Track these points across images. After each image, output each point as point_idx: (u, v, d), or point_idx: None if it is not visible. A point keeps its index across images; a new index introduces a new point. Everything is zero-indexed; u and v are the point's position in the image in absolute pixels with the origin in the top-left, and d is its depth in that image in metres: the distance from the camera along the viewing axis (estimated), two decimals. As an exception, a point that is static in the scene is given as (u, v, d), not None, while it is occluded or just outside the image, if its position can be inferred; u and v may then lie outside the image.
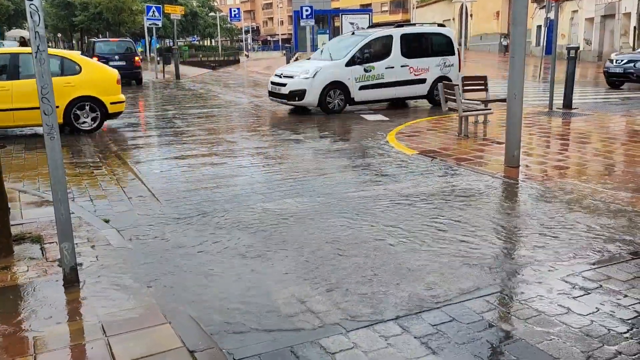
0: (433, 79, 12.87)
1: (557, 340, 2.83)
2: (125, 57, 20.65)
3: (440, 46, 13.17)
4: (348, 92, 12.04)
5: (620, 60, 17.12)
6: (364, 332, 2.93)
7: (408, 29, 13.10)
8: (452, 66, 13.18)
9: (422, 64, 12.79)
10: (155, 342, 2.82)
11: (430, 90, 12.94)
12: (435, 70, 12.98)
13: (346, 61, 11.99)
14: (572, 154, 7.57)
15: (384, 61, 12.33)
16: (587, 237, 4.30)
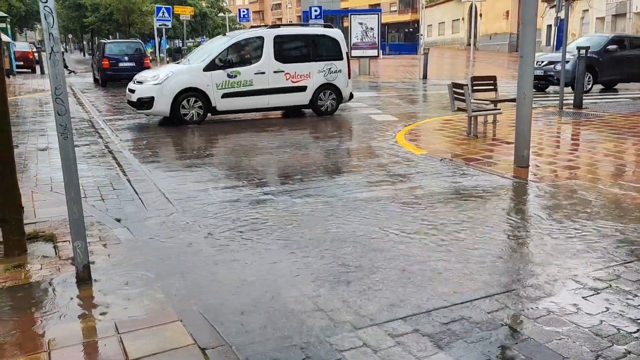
0: (316, 87, 11.51)
1: (566, 339, 2.83)
2: (134, 58, 20.91)
3: (325, 50, 11.77)
4: (209, 100, 10.65)
5: (540, 62, 15.73)
6: (374, 330, 2.95)
7: (284, 30, 11.84)
8: (340, 72, 11.67)
9: (301, 69, 11.35)
10: (167, 340, 2.86)
11: (314, 98, 11.56)
12: (319, 77, 11.51)
13: (204, 65, 10.62)
14: (583, 154, 7.54)
15: (252, 66, 10.97)
16: (597, 237, 4.29)
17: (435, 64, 30.27)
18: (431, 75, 21.97)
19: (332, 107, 11.82)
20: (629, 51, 15.88)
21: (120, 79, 19.39)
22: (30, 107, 14.10)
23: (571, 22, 31.25)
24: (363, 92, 17.18)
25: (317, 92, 11.59)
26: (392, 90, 17.68)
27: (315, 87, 11.54)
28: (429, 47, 28.37)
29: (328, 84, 11.64)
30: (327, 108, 11.76)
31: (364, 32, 24.79)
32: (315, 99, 11.62)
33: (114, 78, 20.03)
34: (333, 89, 11.76)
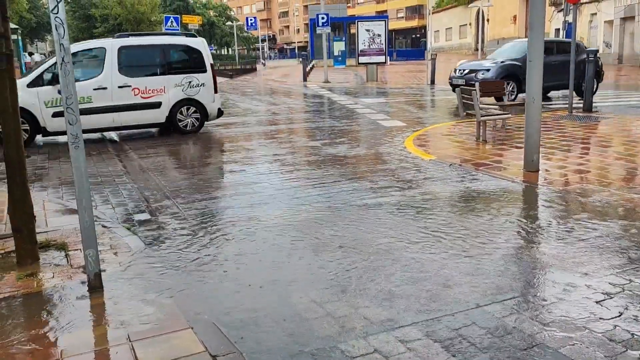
0: (173, 103, 10.35)
1: (579, 345, 2.80)
2: None
3: (185, 61, 10.72)
4: (36, 119, 9.36)
5: (462, 70, 15.14)
6: (384, 336, 2.94)
7: (132, 40, 10.47)
8: (203, 86, 10.50)
9: (153, 83, 10.15)
10: (178, 347, 2.86)
11: (171, 116, 10.40)
12: (176, 92, 10.35)
13: (29, 81, 9.43)
14: (593, 158, 7.48)
15: (91, 81, 9.74)
16: (609, 241, 4.26)
17: (443, 70, 30.21)
18: (439, 81, 21.94)
19: (195, 125, 10.64)
20: (555, 57, 14.60)
21: None
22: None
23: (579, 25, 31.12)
24: (371, 99, 17.21)
25: (175, 109, 10.41)
26: (400, 96, 17.69)
27: (173, 103, 10.36)
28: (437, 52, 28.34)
29: (189, 99, 10.46)
30: (189, 126, 10.59)
31: (371, 38, 24.86)
32: (173, 116, 10.42)
33: None
34: (195, 105, 10.57)
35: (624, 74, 24.75)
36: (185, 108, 10.53)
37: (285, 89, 23.32)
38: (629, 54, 29.97)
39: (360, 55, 24.85)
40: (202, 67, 10.56)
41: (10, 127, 3.95)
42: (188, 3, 52.29)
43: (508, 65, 14.33)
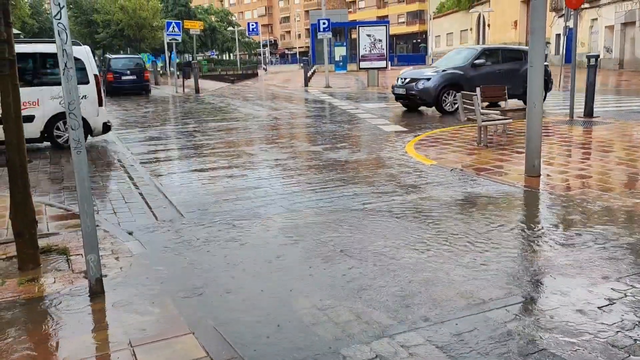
0: (49, 116, 9.51)
1: (582, 350, 2.80)
2: (135, 71, 23.41)
3: None
4: None
5: (404, 78, 14.41)
6: (386, 342, 2.93)
7: None
8: (85, 99, 9.44)
9: (25, 96, 8.57)
10: (180, 352, 2.86)
11: (47, 130, 9.58)
12: (52, 104, 9.46)
13: None
14: (594, 163, 7.48)
15: None
16: (610, 247, 4.25)
17: (444, 75, 30.24)
18: (440, 86, 21.92)
19: None
20: (501, 65, 14.24)
21: (124, 90, 22.71)
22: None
23: (580, 31, 31.18)
24: (372, 104, 17.23)
25: (51, 123, 9.58)
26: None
27: (48, 117, 9.53)
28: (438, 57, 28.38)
29: None
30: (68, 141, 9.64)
31: (372, 43, 24.92)
32: (49, 130, 9.61)
33: (118, 90, 22.80)
34: None
35: (624, 79, 24.76)
36: (63, 122, 9.58)
37: (286, 94, 23.36)
38: (629, 59, 30.00)
39: (362, 60, 24.91)
40: (84, 78, 9.62)
41: (12, 132, 3.96)
42: (190, 8, 52.45)
43: (450, 74, 13.73)
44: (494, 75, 13.78)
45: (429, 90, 13.45)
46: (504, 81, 13.36)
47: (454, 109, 13.07)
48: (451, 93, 13.25)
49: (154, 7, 40.24)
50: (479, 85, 13.41)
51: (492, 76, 13.67)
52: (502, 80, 13.37)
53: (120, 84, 22.90)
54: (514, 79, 13.74)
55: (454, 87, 13.30)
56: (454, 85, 13.41)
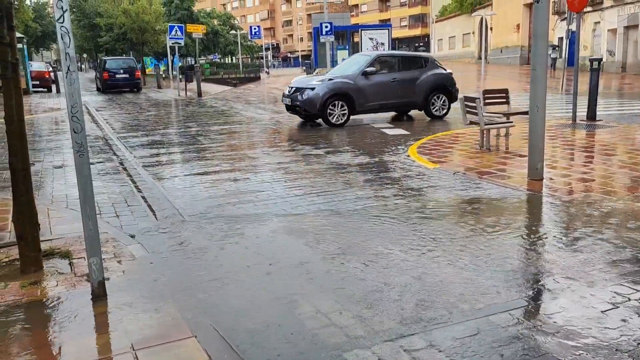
0: None
1: (585, 354, 2.78)
2: (128, 71, 27.10)
3: None
4: None
5: (290, 88, 13.24)
6: (389, 346, 2.92)
7: None
8: None
9: None
10: (182, 356, 2.86)
11: None
12: None
13: None
14: (597, 167, 7.46)
15: None
16: (613, 251, 4.23)
17: (447, 78, 30.22)
18: (442, 89, 21.92)
19: None
20: (397, 73, 13.16)
21: (117, 87, 26.46)
22: (46, 125, 14.32)
23: (583, 34, 31.15)
24: (374, 107, 17.19)
25: None
26: (404, 105, 17.65)
27: None
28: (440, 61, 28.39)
29: None
30: None
31: (375, 47, 24.96)
32: None
33: (112, 86, 26.50)
34: None
35: (627, 82, 24.72)
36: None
37: (288, 98, 23.32)
38: (632, 62, 29.95)
39: (364, 63, 24.88)
40: None
41: (15, 135, 3.97)
42: (192, 12, 52.57)
43: (336, 83, 12.55)
44: (389, 84, 12.93)
45: (313, 101, 12.31)
46: (400, 91, 12.95)
47: (343, 120, 12.45)
48: (338, 104, 12.34)
49: (156, 10, 40.37)
50: (371, 95, 12.64)
51: (386, 85, 12.90)
52: (398, 90, 12.93)
53: (114, 81, 26.55)
54: (412, 89, 13.14)
55: (341, 98, 12.42)
56: (341, 95, 12.43)
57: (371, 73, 12.81)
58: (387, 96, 12.95)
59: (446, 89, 13.59)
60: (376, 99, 12.83)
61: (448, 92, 13.61)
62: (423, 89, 13.26)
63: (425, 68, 13.50)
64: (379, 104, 12.97)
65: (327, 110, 12.36)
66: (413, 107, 13.63)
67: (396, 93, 13.02)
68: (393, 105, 13.34)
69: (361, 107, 12.73)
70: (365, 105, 12.76)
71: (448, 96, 13.59)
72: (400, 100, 13.23)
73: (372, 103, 12.81)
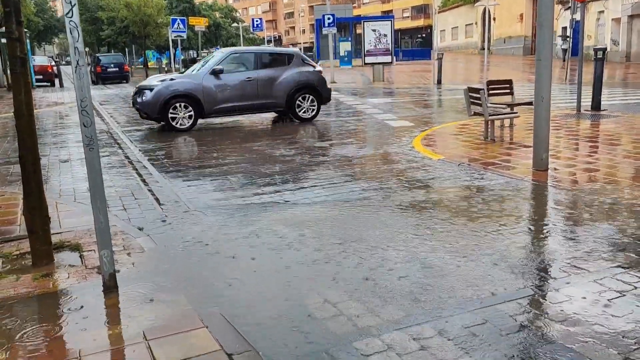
0: None
1: (592, 342, 2.82)
2: (118, 65, 31.65)
3: None
4: None
5: (136, 88, 12.11)
6: (398, 334, 2.96)
7: None
8: None
9: None
10: (194, 346, 2.90)
11: None
12: None
13: None
14: (602, 156, 7.47)
15: None
16: (619, 240, 4.26)
17: (450, 69, 30.19)
18: (445, 80, 21.91)
19: None
20: (254, 72, 11.94)
21: (109, 79, 30.83)
22: (51, 119, 14.36)
23: (587, 23, 30.94)
24: (378, 99, 17.21)
25: None
26: (407, 96, 17.68)
27: None
28: (443, 52, 28.29)
29: None
30: None
31: (377, 38, 24.86)
32: None
33: (104, 78, 30.78)
34: None
35: (632, 71, 24.61)
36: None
37: (291, 90, 23.31)
38: (636, 52, 29.78)
39: (367, 55, 24.85)
40: None
41: (25, 129, 4.00)
42: (194, 5, 52.44)
43: (179, 83, 11.41)
44: (244, 84, 11.78)
45: (151, 103, 11.12)
46: (258, 91, 11.82)
47: (188, 124, 11.32)
48: (181, 106, 11.19)
49: (158, 4, 40.20)
50: (222, 96, 11.41)
51: (240, 85, 11.75)
52: (255, 90, 11.79)
53: (106, 74, 30.87)
54: (273, 88, 11.98)
55: (185, 100, 11.26)
56: (185, 97, 11.24)
57: (221, 72, 11.59)
58: (242, 97, 11.75)
59: (314, 89, 12.33)
60: (229, 101, 11.65)
61: (316, 92, 12.33)
62: (286, 88, 12.03)
63: (289, 65, 12.24)
64: (232, 105, 11.74)
65: (168, 113, 11.12)
66: (275, 108, 12.43)
67: (253, 93, 11.82)
68: (250, 107, 11.99)
69: (210, 110, 11.53)
70: (215, 108, 11.54)
71: (316, 96, 12.32)
72: (259, 101, 11.95)
73: (223, 105, 11.61)
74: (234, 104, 11.75)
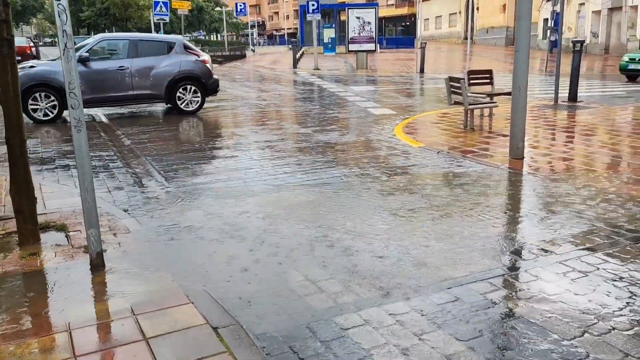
0: None
1: (555, 317, 3.02)
2: None
3: None
4: None
5: None
6: (375, 310, 3.13)
7: None
8: None
9: None
10: (180, 320, 3.03)
11: None
12: None
13: None
14: (577, 146, 7.72)
15: None
16: (587, 225, 4.48)
17: (432, 58, 30.40)
18: (428, 69, 22.11)
19: None
20: (127, 60, 11.16)
21: None
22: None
23: (567, 16, 31.37)
24: (361, 86, 17.34)
25: None
26: (390, 84, 17.84)
27: None
28: (426, 41, 28.45)
29: None
30: None
31: (362, 26, 24.92)
32: None
33: None
34: None
35: (610, 64, 25.07)
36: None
37: (275, 76, 23.35)
38: (615, 44, 30.31)
39: (351, 42, 24.91)
40: None
41: (12, 111, 4.05)
42: (177, -12, 51.68)
43: (37, 72, 10.56)
44: (115, 73, 11.00)
45: None
46: (133, 81, 11.06)
47: (52, 116, 10.53)
48: (41, 96, 10.43)
49: (140, -14, 39.72)
50: (90, 86, 10.54)
51: (111, 75, 11.00)
52: (129, 80, 11.01)
53: None
54: (149, 79, 11.24)
55: (47, 89, 10.43)
56: (45, 86, 10.42)
57: (87, 60, 10.79)
58: (114, 88, 10.97)
59: (197, 79, 11.66)
60: (98, 91, 10.84)
61: (200, 82, 11.68)
62: (164, 78, 11.31)
63: (170, 54, 11.46)
64: (102, 96, 10.94)
65: (27, 104, 10.21)
66: (153, 100, 11.64)
67: (127, 84, 11.07)
68: (123, 98, 11.16)
69: None
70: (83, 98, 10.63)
71: (200, 87, 11.70)
72: (133, 92, 11.20)
73: (92, 96, 10.68)
74: (104, 94, 10.96)
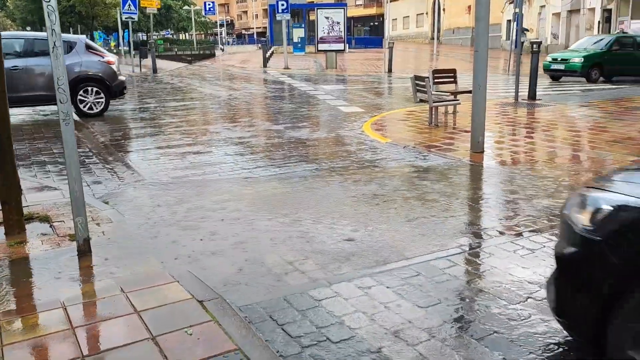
0: None
1: (504, 286, 3.41)
2: None
3: None
4: None
5: None
6: (345, 285, 3.46)
7: None
8: None
9: None
10: (168, 296, 3.30)
11: None
12: None
13: None
14: (534, 141, 8.22)
15: None
16: (536, 210, 4.91)
17: (400, 58, 30.99)
18: (396, 69, 22.62)
19: None
20: (22, 59, 10.44)
21: None
22: None
23: (528, 17, 32.46)
24: (331, 85, 17.70)
25: None
26: (359, 84, 18.25)
27: None
28: (394, 41, 29.01)
29: None
30: None
31: (331, 26, 25.32)
32: None
33: None
34: None
35: (569, 64, 26.03)
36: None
37: (245, 75, 23.53)
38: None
39: (320, 42, 25.29)
40: None
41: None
42: (144, -14, 51.14)
43: None
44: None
45: None
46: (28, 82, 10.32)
47: None
48: None
49: (107, -17, 39.21)
50: None
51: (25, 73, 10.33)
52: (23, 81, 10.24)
53: None
54: (46, 80, 10.30)
55: None
56: None
57: None
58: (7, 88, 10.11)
59: (100, 80, 11.12)
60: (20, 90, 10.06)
61: (103, 83, 11.13)
62: None
63: (69, 54, 10.66)
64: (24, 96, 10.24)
65: None
66: (51, 101, 10.38)
67: (21, 84, 10.18)
68: (18, 99, 9.89)
69: None
70: None
71: (103, 89, 11.15)
72: (28, 93, 10.39)
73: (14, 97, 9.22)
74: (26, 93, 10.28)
